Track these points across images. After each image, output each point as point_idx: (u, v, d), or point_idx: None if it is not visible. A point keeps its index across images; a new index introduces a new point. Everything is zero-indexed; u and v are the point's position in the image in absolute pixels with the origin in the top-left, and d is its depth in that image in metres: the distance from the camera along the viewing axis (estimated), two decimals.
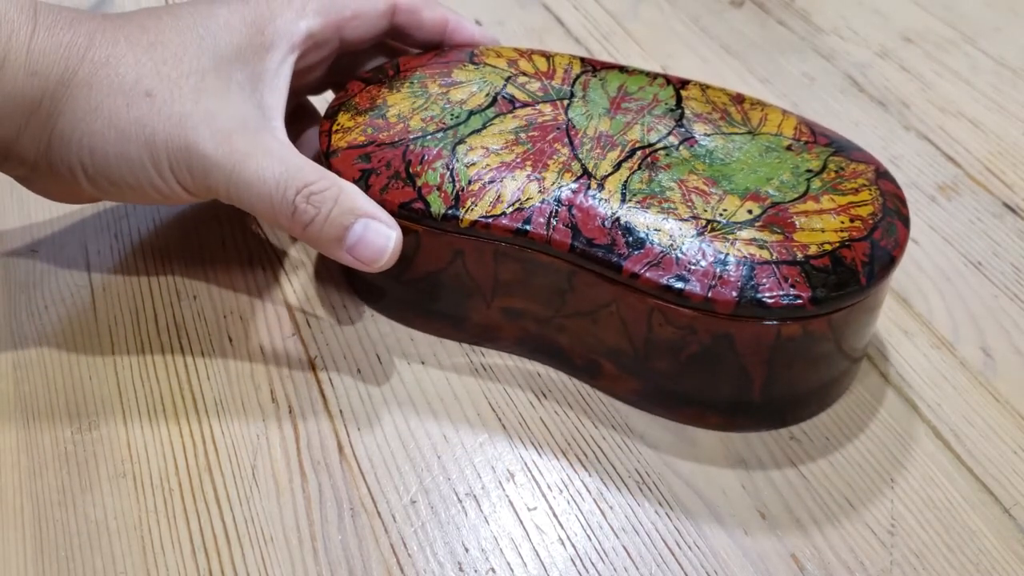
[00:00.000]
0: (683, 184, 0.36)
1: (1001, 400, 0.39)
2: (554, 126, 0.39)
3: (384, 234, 0.37)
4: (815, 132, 0.39)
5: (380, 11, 0.42)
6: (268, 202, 0.36)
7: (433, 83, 0.41)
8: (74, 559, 0.33)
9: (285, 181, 0.36)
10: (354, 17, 0.41)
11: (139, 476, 0.36)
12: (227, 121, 0.36)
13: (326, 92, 0.47)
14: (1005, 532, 0.35)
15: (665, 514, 0.35)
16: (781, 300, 0.33)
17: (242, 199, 0.37)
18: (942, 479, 0.36)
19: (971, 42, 0.59)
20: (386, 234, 0.37)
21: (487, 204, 0.36)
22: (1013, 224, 0.47)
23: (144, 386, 0.39)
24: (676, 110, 0.39)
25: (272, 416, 0.38)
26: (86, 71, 0.36)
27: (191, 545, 0.34)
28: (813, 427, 0.38)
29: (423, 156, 0.38)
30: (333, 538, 0.34)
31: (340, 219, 0.36)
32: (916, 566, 0.33)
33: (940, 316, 0.42)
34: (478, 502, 0.35)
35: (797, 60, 0.58)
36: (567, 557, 0.34)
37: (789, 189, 0.36)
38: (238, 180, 0.36)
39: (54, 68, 0.35)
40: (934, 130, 0.53)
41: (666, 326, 0.35)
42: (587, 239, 0.35)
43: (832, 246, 0.34)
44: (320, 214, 0.36)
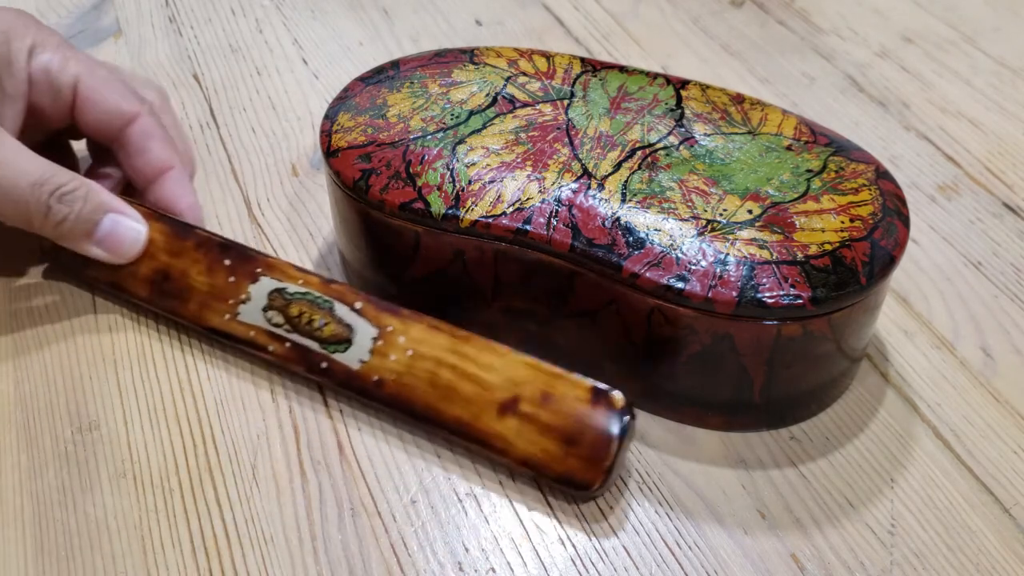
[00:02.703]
0: (683, 184, 0.36)
1: (1001, 400, 0.39)
2: (554, 126, 0.39)
3: (134, 228, 0.40)
4: (815, 132, 0.39)
5: (121, 108, 0.42)
6: (23, 206, 0.39)
7: (433, 83, 0.41)
8: (74, 559, 0.33)
9: (39, 185, 0.38)
10: (94, 90, 0.42)
11: (139, 476, 0.36)
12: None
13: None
14: (1005, 532, 0.35)
15: (665, 514, 0.35)
16: (781, 300, 0.33)
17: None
18: (942, 479, 0.36)
19: (971, 42, 0.59)
20: (136, 228, 0.40)
21: (487, 204, 0.36)
22: (1013, 224, 0.47)
23: (144, 386, 0.39)
24: (676, 110, 0.39)
25: (272, 416, 0.38)
26: None
27: (191, 545, 0.34)
28: (813, 427, 0.38)
29: (423, 156, 0.38)
30: (333, 538, 0.34)
31: (90, 215, 0.39)
32: (916, 566, 0.33)
33: (940, 316, 0.42)
34: (478, 502, 0.35)
35: (797, 60, 0.58)
36: (567, 557, 0.34)
37: (789, 189, 0.36)
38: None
39: None
40: (934, 130, 0.53)
41: (666, 326, 0.35)
42: (587, 239, 0.35)
43: (832, 246, 0.34)
44: (72, 212, 0.39)
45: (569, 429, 0.34)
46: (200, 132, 0.52)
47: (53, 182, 0.39)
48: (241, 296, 0.39)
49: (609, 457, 0.34)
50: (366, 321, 0.37)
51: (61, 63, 0.41)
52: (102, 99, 0.42)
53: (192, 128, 0.52)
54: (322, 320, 0.37)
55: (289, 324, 0.38)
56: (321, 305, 0.38)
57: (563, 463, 0.34)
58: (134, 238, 0.40)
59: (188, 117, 0.53)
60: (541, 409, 0.35)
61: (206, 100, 0.54)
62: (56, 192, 0.39)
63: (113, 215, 0.40)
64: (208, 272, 0.40)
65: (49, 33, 0.42)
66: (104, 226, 0.40)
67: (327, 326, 0.37)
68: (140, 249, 0.40)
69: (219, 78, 0.56)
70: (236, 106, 0.54)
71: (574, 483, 0.34)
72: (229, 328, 0.39)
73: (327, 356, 0.37)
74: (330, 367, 0.37)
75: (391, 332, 0.37)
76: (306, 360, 0.37)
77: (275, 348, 0.38)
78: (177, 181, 0.44)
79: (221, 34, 0.59)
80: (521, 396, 0.35)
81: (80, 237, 0.40)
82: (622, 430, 0.34)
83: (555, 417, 0.35)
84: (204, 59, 0.57)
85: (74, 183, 0.39)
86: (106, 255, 0.40)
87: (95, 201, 0.40)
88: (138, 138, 0.43)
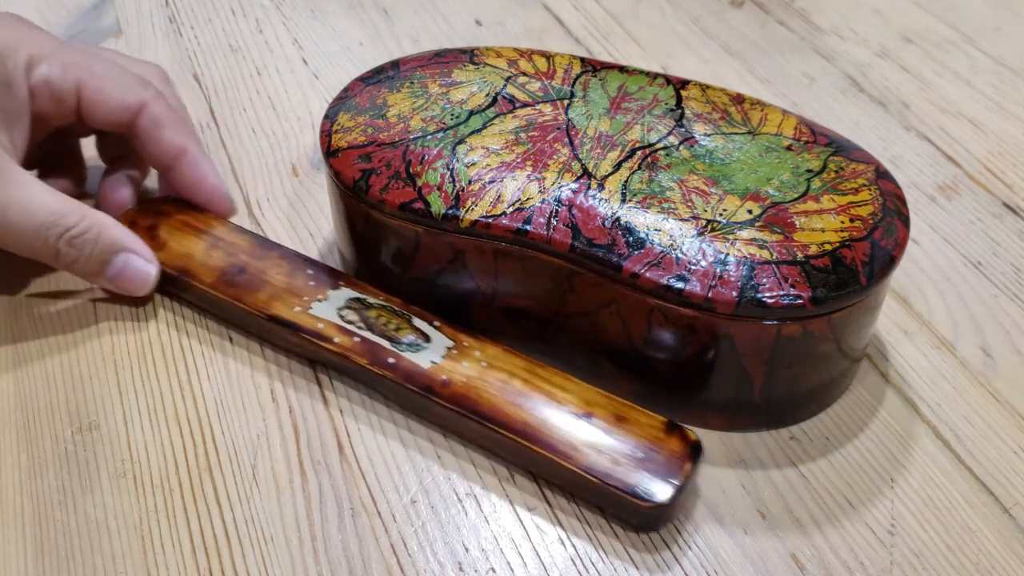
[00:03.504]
0: (683, 184, 0.36)
1: (1001, 400, 0.39)
2: (554, 126, 0.39)
3: (143, 268, 0.40)
4: (815, 132, 0.39)
5: (126, 101, 0.42)
6: (31, 249, 0.39)
7: (433, 83, 0.41)
8: (74, 559, 0.33)
9: (47, 228, 0.38)
10: (98, 90, 0.41)
11: (139, 476, 0.36)
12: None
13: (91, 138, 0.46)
14: (1005, 532, 0.35)
15: None
16: (781, 300, 0.33)
17: (4, 245, 0.39)
18: (942, 479, 0.36)
19: (971, 42, 0.59)
20: (145, 269, 0.40)
21: (487, 204, 0.36)
22: (1013, 224, 0.47)
23: (144, 386, 0.39)
24: (676, 110, 0.39)
25: (272, 416, 0.38)
26: None
27: (191, 545, 0.34)
28: (813, 427, 0.38)
29: (423, 156, 0.38)
30: (333, 538, 0.34)
31: (101, 256, 0.39)
32: (916, 566, 0.33)
33: (940, 316, 0.42)
34: (478, 502, 0.35)
35: (797, 60, 0.58)
36: (567, 557, 0.34)
37: (789, 189, 0.36)
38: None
39: None
40: (934, 130, 0.53)
41: (666, 326, 0.35)
42: (587, 239, 0.35)
43: (832, 246, 0.34)
44: (82, 255, 0.39)
45: (642, 447, 0.34)
46: (200, 132, 0.52)
47: (62, 224, 0.38)
48: (318, 296, 0.39)
49: (681, 476, 0.33)
50: (443, 335, 0.38)
51: (61, 71, 0.40)
52: (106, 97, 0.41)
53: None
54: (399, 324, 0.38)
55: (363, 323, 0.38)
56: (401, 314, 0.38)
57: (632, 475, 0.33)
58: (144, 278, 0.40)
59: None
60: (615, 426, 0.35)
61: (206, 100, 0.54)
62: (65, 235, 0.38)
63: (124, 254, 0.40)
64: (288, 274, 0.40)
65: (44, 38, 0.41)
66: (115, 265, 0.40)
67: (403, 329, 0.38)
68: (151, 287, 0.40)
69: (219, 78, 0.56)
70: (236, 106, 0.54)
71: (640, 495, 0.33)
72: (296, 318, 0.38)
73: (396, 353, 0.37)
74: (397, 363, 0.37)
75: (467, 346, 0.37)
76: (372, 354, 0.37)
77: (341, 340, 0.38)
78: (195, 163, 0.43)
79: (221, 34, 0.59)
80: (595, 413, 0.35)
81: (90, 276, 0.40)
82: (695, 458, 0.34)
83: (629, 435, 0.34)
84: (204, 59, 0.57)
85: (84, 223, 0.39)
86: (119, 291, 0.41)
87: (106, 241, 0.39)
88: (148, 127, 0.42)
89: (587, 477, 0.34)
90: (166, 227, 0.43)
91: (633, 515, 0.34)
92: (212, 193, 0.43)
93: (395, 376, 0.37)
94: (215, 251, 0.41)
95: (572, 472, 0.34)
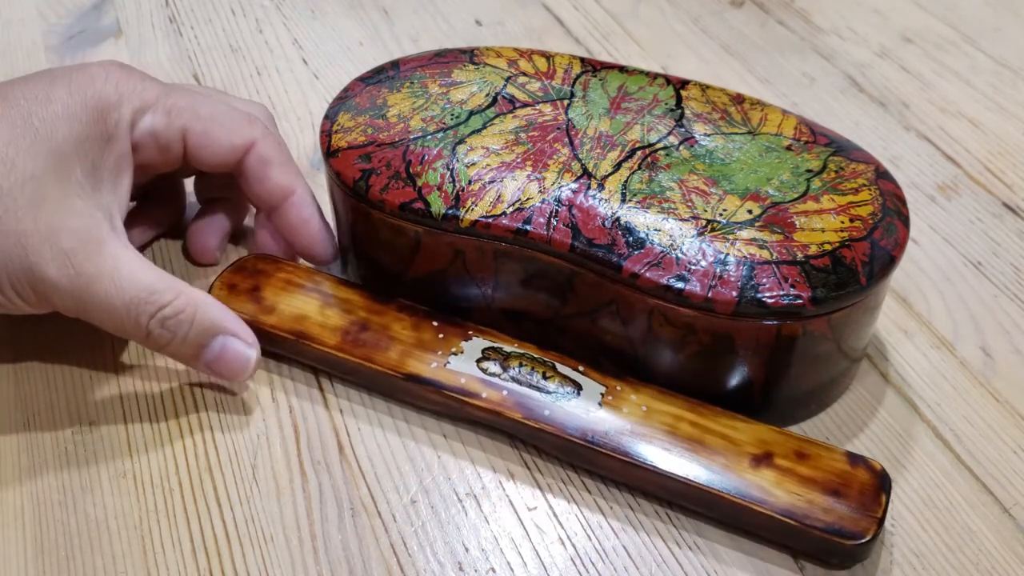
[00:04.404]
0: (683, 184, 0.36)
1: (1001, 400, 0.39)
2: (554, 126, 0.39)
3: (243, 353, 0.36)
4: (815, 132, 0.39)
5: (233, 142, 0.39)
6: (120, 327, 0.35)
7: (433, 83, 0.41)
8: (74, 559, 0.33)
9: (136, 307, 0.35)
10: (204, 134, 0.39)
11: (139, 476, 0.36)
12: (70, 239, 0.34)
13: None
14: (1005, 532, 0.35)
15: (665, 514, 0.35)
16: (781, 300, 0.33)
17: (92, 320, 0.35)
18: (942, 479, 0.36)
19: (971, 42, 0.59)
20: (245, 354, 0.37)
21: (487, 204, 0.36)
22: (1013, 224, 0.47)
23: (144, 386, 0.39)
24: (676, 110, 0.39)
25: (272, 416, 0.38)
26: None
27: (191, 545, 0.34)
28: (813, 427, 0.38)
29: (423, 156, 0.38)
30: (333, 538, 0.34)
31: (197, 339, 0.36)
32: (916, 566, 0.33)
33: (940, 316, 0.42)
34: (478, 502, 0.35)
35: (797, 60, 0.58)
36: (567, 557, 0.34)
37: (789, 189, 0.36)
38: (86, 305, 0.35)
39: None
40: (934, 130, 0.53)
41: (666, 326, 0.35)
42: (587, 239, 0.35)
43: (832, 246, 0.34)
44: (176, 337, 0.36)
45: (832, 483, 0.33)
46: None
47: (154, 303, 0.35)
48: (452, 349, 0.37)
49: (880, 508, 0.32)
50: (592, 380, 0.36)
51: (166, 119, 0.38)
52: (213, 142, 0.39)
53: None
54: (544, 373, 0.36)
55: (507, 374, 0.36)
56: (543, 362, 0.37)
57: (831, 513, 0.32)
58: (244, 363, 0.37)
59: None
60: (798, 464, 0.33)
61: None
62: (157, 315, 0.35)
63: (223, 337, 0.36)
64: (414, 327, 0.38)
65: (148, 86, 0.38)
66: (212, 349, 0.36)
67: (551, 378, 0.36)
68: (251, 373, 0.37)
69: (219, 78, 0.56)
70: None
71: (844, 533, 0.32)
72: (437, 375, 0.36)
73: (550, 404, 0.35)
74: (553, 415, 0.35)
75: (620, 391, 0.36)
76: (524, 407, 0.35)
77: (489, 395, 0.36)
78: (302, 204, 0.41)
79: (221, 34, 0.60)
80: (774, 452, 0.34)
81: (186, 360, 0.37)
82: (887, 488, 0.33)
83: (815, 471, 0.33)
84: (204, 59, 0.57)
85: (179, 302, 0.35)
86: (215, 376, 0.38)
87: (203, 325, 0.36)
88: (256, 166, 0.40)
89: (786, 521, 0.32)
90: (270, 288, 0.40)
91: (835, 555, 0.33)
92: (315, 236, 0.41)
93: (554, 428, 0.35)
94: (330, 309, 0.39)
95: (768, 517, 0.33)
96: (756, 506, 0.33)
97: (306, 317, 0.39)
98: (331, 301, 0.39)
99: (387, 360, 0.37)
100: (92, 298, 0.34)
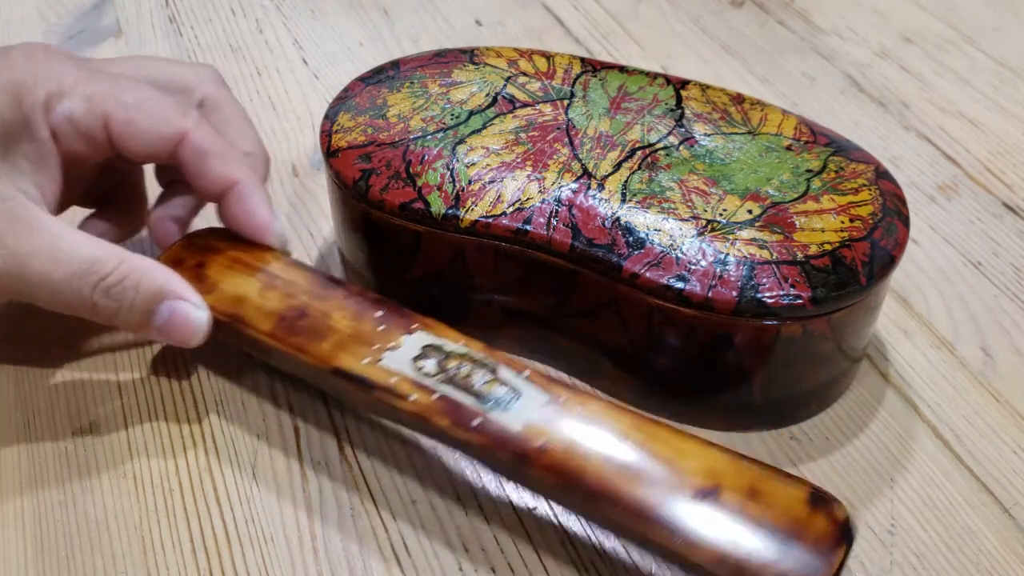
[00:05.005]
0: (683, 184, 0.36)
1: (1001, 400, 0.39)
2: (554, 126, 0.39)
3: (194, 315, 0.35)
4: (815, 132, 0.39)
5: (161, 133, 0.36)
6: (65, 302, 0.34)
7: (433, 83, 0.41)
8: (74, 559, 0.33)
9: (78, 279, 0.34)
10: (128, 123, 0.36)
11: (139, 476, 0.36)
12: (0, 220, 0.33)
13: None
14: (1005, 532, 0.35)
15: None
16: (781, 300, 0.33)
17: (35, 300, 0.35)
18: (942, 479, 0.36)
19: (971, 42, 0.59)
20: (196, 315, 0.35)
21: (487, 204, 0.36)
22: (1013, 224, 0.47)
23: (144, 386, 0.39)
24: (676, 110, 0.39)
25: (272, 416, 0.38)
26: None
27: (191, 545, 0.34)
28: (813, 427, 0.38)
29: (423, 156, 0.38)
30: (333, 538, 0.34)
31: (144, 305, 0.35)
32: (916, 566, 0.33)
33: (940, 316, 0.42)
34: (478, 502, 0.35)
35: (797, 60, 0.58)
36: (567, 557, 0.34)
37: (789, 189, 0.36)
38: (25, 284, 0.34)
39: None
40: (934, 130, 0.53)
41: (666, 326, 0.35)
42: (587, 239, 0.35)
43: (832, 246, 0.34)
44: (123, 306, 0.35)
45: (783, 528, 0.28)
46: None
47: (95, 272, 0.34)
48: (390, 344, 0.34)
49: (832, 567, 0.28)
50: (536, 387, 0.32)
51: (85, 105, 0.36)
52: (138, 131, 0.36)
53: None
54: (484, 377, 0.32)
55: (443, 375, 0.33)
56: (485, 364, 0.33)
57: (771, 568, 0.28)
58: (195, 326, 0.35)
59: None
60: (748, 502, 0.29)
61: None
62: (101, 285, 0.34)
63: (170, 302, 0.35)
64: (355, 317, 0.35)
65: (66, 68, 0.36)
66: (161, 314, 0.35)
67: (489, 383, 0.32)
68: (204, 335, 0.35)
69: None
70: None
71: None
72: (366, 372, 0.33)
73: (482, 413, 0.31)
74: (483, 425, 0.31)
75: (565, 401, 0.32)
76: (454, 414, 0.32)
77: (418, 397, 0.32)
78: (244, 197, 0.37)
79: (221, 34, 0.60)
80: (723, 486, 0.29)
81: (136, 328, 0.36)
82: (848, 541, 0.28)
83: (765, 512, 0.29)
84: (204, 59, 0.57)
85: (121, 270, 0.34)
86: (168, 340, 0.36)
87: (148, 289, 0.34)
88: (191, 159, 0.37)
89: (720, 569, 0.28)
90: (215, 265, 0.37)
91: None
92: (261, 229, 0.38)
93: (482, 441, 0.31)
94: (271, 292, 0.36)
95: (697, 566, 0.28)
96: (686, 552, 0.28)
97: (244, 299, 0.36)
98: (275, 283, 0.36)
99: (318, 351, 0.34)
100: (30, 276, 0.34)
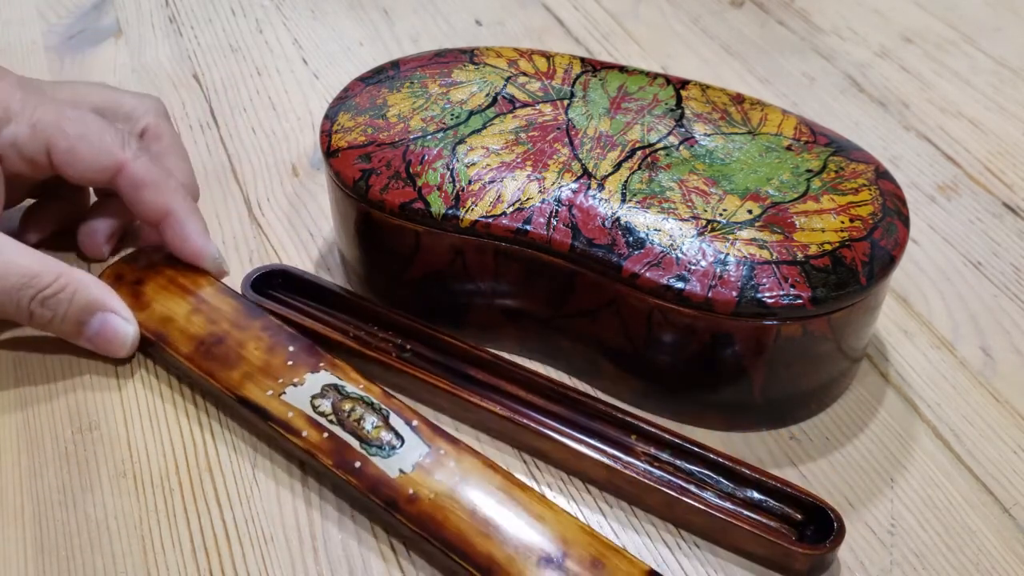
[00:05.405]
0: (683, 184, 0.36)
1: (1001, 400, 0.39)
2: (554, 126, 0.39)
3: (122, 328, 0.38)
4: (815, 132, 0.39)
5: (101, 163, 0.39)
6: (3, 312, 0.37)
7: (433, 83, 0.41)
8: (74, 559, 0.33)
9: (18, 291, 0.37)
10: (68, 152, 0.39)
11: (139, 476, 0.36)
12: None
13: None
14: (1005, 532, 0.35)
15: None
16: (781, 300, 0.33)
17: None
18: (942, 479, 0.36)
19: (971, 42, 0.59)
20: (124, 329, 0.38)
21: (487, 204, 0.36)
22: (1013, 224, 0.47)
23: (144, 386, 0.39)
24: (676, 110, 0.39)
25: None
26: None
27: (191, 545, 0.34)
28: (813, 427, 0.38)
29: (423, 156, 0.38)
30: (333, 538, 0.34)
31: (77, 316, 0.38)
32: (916, 566, 0.33)
33: (940, 316, 0.42)
34: None
35: (797, 60, 0.58)
36: None
37: (789, 189, 0.36)
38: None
39: None
40: (934, 130, 0.53)
41: (666, 326, 0.35)
42: (587, 239, 0.35)
43: (832, 246, 0.34)
44: (56, 315, 0.38)
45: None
46: (200, 132, 0.52)
47: (34, 286, 0.37)
48: (294, 379, 0.36)
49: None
50: (420, 438, 0.34)
51: (29, 132, 0.38)
52: (78, 161, 0.39)
53: (192, 128, 0.52)
54: (373, 422, 0.35)
55: (336, 416, 0.35)
56: (377, 409, 0.35)
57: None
58: (122, 339, 0.38)
59: (188, 117, 0.53)
60: (590, 571, 0.31)
61: (206, 100, 0.54)
62: (37, 297, 0.37)
63: (102, 314, 0.38)
64: (267, 350, 0.37)
65: (12, 92, 0.39)
66: (92, 326, 0.38)
67: (376, 429, 0.34)
68: (130, 348, 0.38)
69: (219, 78, 0.56)
70: (236, 106, 0.54)
71: None
72: (266, 404, 0.35)
73: (364, 456, 0.34)
74: (363, 468, 0.33)
75: (443, 455, 0.34)
76: (338, 454, 0.34)
77: (309, 434, 0.34)
78: (178, 225, 0.40)
79: (221, 34, 0.60)
80: (568, 554, 0.31)
81: (69, 336, 0.38)
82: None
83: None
84: (204, 59, 0.57)
85: (59, 283, 0.37)
86: (98, 351, 0.39)
87: (81, 301, 0.37)
88: (128, 189, 0.40)
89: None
90: (152, 284, 0.40)
91: None
92: (194, 255, 0.40)
93: (359, 483, 0.33)
94: (197, 316, 0.39)
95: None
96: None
97: (171, 320, 0.39)
98: (202, 308, 0.39)
99: (227, 379, 0.36)
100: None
